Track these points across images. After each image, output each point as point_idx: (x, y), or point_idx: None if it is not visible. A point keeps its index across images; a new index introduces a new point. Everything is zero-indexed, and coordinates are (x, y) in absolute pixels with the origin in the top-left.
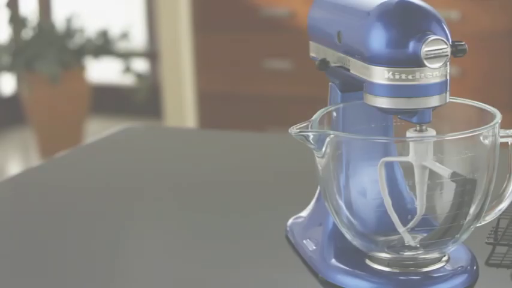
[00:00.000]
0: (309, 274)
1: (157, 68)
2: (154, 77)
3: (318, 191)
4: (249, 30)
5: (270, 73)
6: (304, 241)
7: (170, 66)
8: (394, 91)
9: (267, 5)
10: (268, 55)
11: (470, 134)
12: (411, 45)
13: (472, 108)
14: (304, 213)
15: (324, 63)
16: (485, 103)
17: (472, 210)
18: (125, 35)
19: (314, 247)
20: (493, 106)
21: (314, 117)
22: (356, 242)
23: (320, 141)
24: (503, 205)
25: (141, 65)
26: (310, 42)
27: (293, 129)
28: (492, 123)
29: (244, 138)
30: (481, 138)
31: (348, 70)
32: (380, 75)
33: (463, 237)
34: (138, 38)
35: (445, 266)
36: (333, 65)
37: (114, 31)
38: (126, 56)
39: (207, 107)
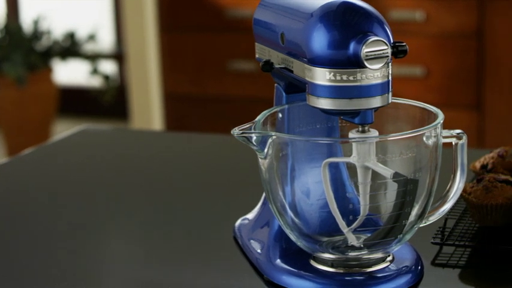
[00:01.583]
0: (255, 275)
1: (124, 69)
2: (122, 79)
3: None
4: (215, 31)
5: (236, 74)
6: (251, 242)
7: (136, 68)
8: (335, 92)
9: (233, 6)
10: (234, 56)
11: (412, 135)
12: (351, 46)
13: (415, 108)
14: (251, 215)
15: (268, 64)
16: (450, 103)
17: (415, 210)
18: (91, 37)
19: (260, 248)
20: (459, 106)
21: (257, 118)
22: (300, 243)
23: (263, 142)
24: (447, 206)
25: (109, 66)
26: (256, 43)
27: (235, 131)
28: (434, 124)
29: (203, 140)
30: (424, 138)
31: (292, 71)
32: (321, 76)
33: (407, 237)
34: (106, 40)
35: (390, 266)
36: (277, 66)
37: (82, 33)
38: (93, 57)
39: (174, 109)
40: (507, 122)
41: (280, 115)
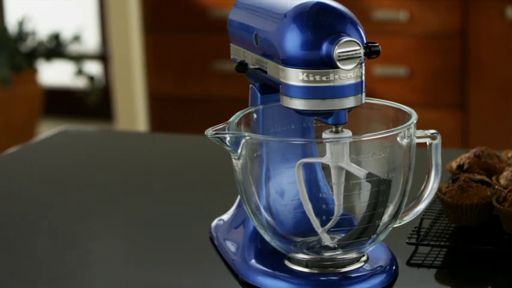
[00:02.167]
0: (231, 276)
1: (109, 70)
2: (107, 80)
3: None
4: (199, 32)
5: (219, 75)
6: (227, 243)
7: (121, 69)
8: (308, 93)
9: (216, 7)
10: (217, 56)
11: (385, 135)
12: (324, 47)
13: (389, 108)
14: (226, 216)
15: (242, 65)
16: (434, 103)
17: (390, 210)
18: (76, 38)
19: (235, 249)
20: (443, 106)
21: (231, 119)
22: (274, 244)
23: (236, 143)
24: (421, 206)
25: (94, 67)
26: (231, 44)
27: (209, 131)
28: (407, 124)
29: (186, 140)
30: (397, 138)
31: (266, 72)
32: (295, 77)
33: (381, 237)
34: (91, 41)
35: (364, 266)
36: (251, 67)
37: (67, 34)
38: (78, 58)
39: (158, 109)
40: (491, 122)
41: (255, 116)
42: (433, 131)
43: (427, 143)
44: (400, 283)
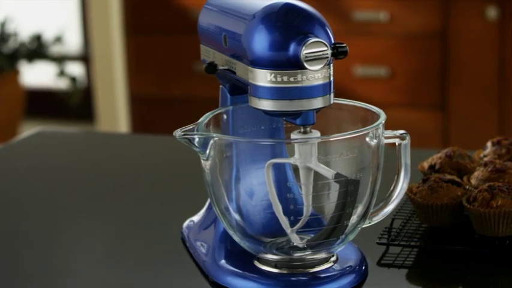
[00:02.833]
0: (201, 276)
1: (92, 71)
2: (89, 81)
3: None
4: (180, 33)
5: (201, 75)
6: (197, 243)
7: (102, 70)
8: (276, 93)
9: (197, 8)
10: (199, 57)
11: (353, 135)
12: (291, 48)
13: (358, 109)
14: (197, 217)
15: (211, 66)
16: (415, 103)
17: (359, 210)
18: (58, 39)
19: (206, 249)
20: (423, 106)
21: (200, 120)
22: (244, 244)
23: (205, 144)
24: (391, 207)
25: (76, 68)
26: (201, 45)
27: (177, 132)
28: (375, 124)
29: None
30: (365, 138)
31: (235, 73)
32: (263, 77)
33: (350, 237)
34: (74, 42)
35: (333, 266)
36: (220, 68)
37: (48, 35)
38: (60, 59)
39: (140, 110)
40: (472, 122)
41: (225, 116)
42: (402, 131)
43: (396, 143)
44: (369, 283)
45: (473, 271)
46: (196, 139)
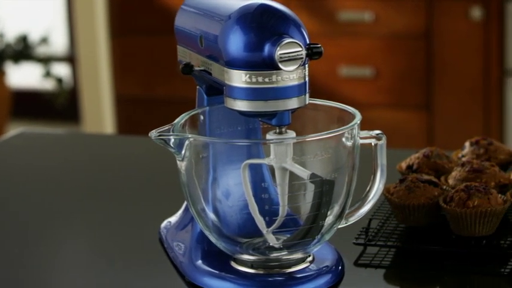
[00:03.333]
0: (178, 277)
1: (78, 72)
2: (75, 82)
3: None
4: (165, 34)
5: (186, 76)
6: (175, 244)
7: (88, 71)
8: (251, 94)
9: None
10: None
11: (327, 136)
12: (266, 48)
13: (334, 109)
14: (174, 217)
15: (187, 67)
16: (400, 104)
17: (335, 210)
18: (44, 40)
19: (183, 250)
20: (408, 106)
21: (176, 121)
22: (220, 245)
23: (181, 145)
24: (367, 207)
25: (62, 69)
26: (178, 46)
27: (153, 133)
28: (350, 125)
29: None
30: (340, 139)
31: (211, 74)
32: (238, 78)
33: (326, 237)
34: (60, 42)
35: (310, 267)
36: (196, 68)
37: (35, 36)
38: (45, 60)
39: (125, 111)
40: (456, 122)
41: (201, 117)
42: (378, 131)
43: (373, 144)
44: (346, 283)
45: (450, 271)
46: (172, 140)
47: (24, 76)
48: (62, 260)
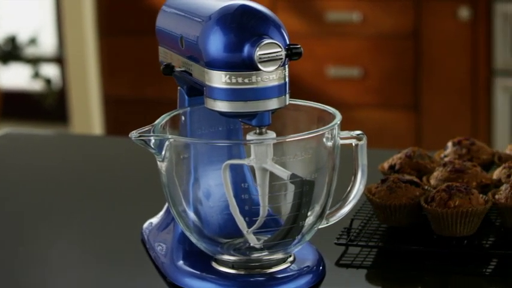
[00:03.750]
0: (159, 278)
1: (66, 73)
2: (64, 82)
3: None
4: (153, 35)
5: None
6: (156, 245)
7: (76, 72)
8: (231, 95)
9: None
10: None
11: (308, 136)
12: (246, 49)
13: (315, 110)
14: (155, 218)
15: (168, 68)
16: (388, 104)
17: (315, 211)
18: (33, 41)
19: (164, 251)
20: (397, 107)
21: (157, 121)
22: (201, 245)
23: (161, 145)
24: (348, 207)
25: (51, 70)
26: (159, 47)
27: (133, 134)
28: (330, 125)
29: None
30: (321, 139)
31: (191, 75)
32: (218, 79)
33: (306, 237)
34: (49, 43)
35: (291, 267)
36: (177, 69)
37: (23, 37)
38: (34, 61)
39: (113, 112)
40: (444, 122)
41: (183, 118)
42: (358, 131)
43: (353, 144)
44: (327, 283)
45: (432, 271)
46: (152, 141)
47: (13, 77)
48: (45, 260)
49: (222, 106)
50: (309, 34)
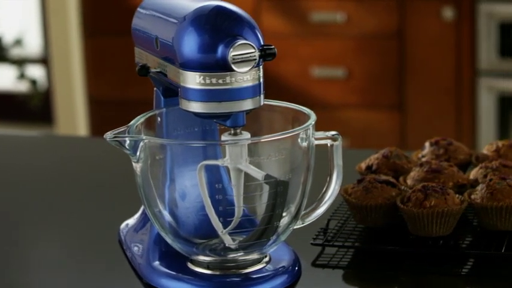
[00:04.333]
0: (136, 278)
1: (51, 74)
2: (49, 83)
3: None
4: None
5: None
6: (133, 245)
7: (61, 73)
8: (205, 95)
9: None
10: None
11: (282, 136)
12: (219, 50)
13: (290, 110)
14: (132, 219)
15: (144, 69)
16: (372, 104)
17: (291, 211)
18: (18, 42)
19: (141, 251)
20: (381, 107)
21: (132, 122)
22: (176, 246)
23: (136, 146)
24: (323, 208)
25: (37, 71)
26: (135, 48)
27: (108, 135)
28: (305, 126)
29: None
30: (295, 139)
31: (166, 76)
32: (192, 80)
33: (282, 238)
34: (35, 44)
35: (266, 267)
36: (153, 70)
37: (8, 37)
38: (20, 62)
39: (98, 113)
40: (429, 122)
41: (159, 119)
42: (333, 132)
43: (328, 145)
44: (303, 283)
45: (408, 271)
46: (127, 141)
47: None
48: (23, 260)
49: (196, 107)
50: (293, 34)
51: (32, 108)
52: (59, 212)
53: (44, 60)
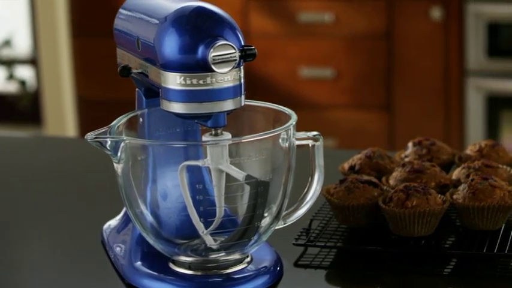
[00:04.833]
0: (118, 279)
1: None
2: (39, 84)
3: None
4: None
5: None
6: (115, 246)
7: (49, 73)
8: (186, 96)
9: None
10: None
11: (262, 137)
12: (200, 51)
13: (271, 110)
14: (114, 220)
15: (125, 69)
16: (361, 104)
17: (272, 211)
18: (7, 42)
19: (123, 252)
20: (369, 107)
21: (113, 123)
22: (158, 246)
23: (117, 147)
24: (305, 208)
25: (26, 72)
26: (117, 48)
27: (89, 136)
28: (285, 126)
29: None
30: (276, 140)
31: (148, 76)
32: (173, 80)
33: (263, 238)
34: (24, 44)
35: (248, 267)
36: (134, 71)
37: None
38: (9, 63)
39: (87, 114)
40: (417, 122)
41: (141, 119)
42: (315, 132)
43: (310, 145)
44: (285, 283)
45: (390, 271)
46: (108, 142)
47: None
48: (4, 260)
49: (177, 107)
50: (282, 35)
51: (21, 108)
52: (43, 212)
53: (33, 61)
